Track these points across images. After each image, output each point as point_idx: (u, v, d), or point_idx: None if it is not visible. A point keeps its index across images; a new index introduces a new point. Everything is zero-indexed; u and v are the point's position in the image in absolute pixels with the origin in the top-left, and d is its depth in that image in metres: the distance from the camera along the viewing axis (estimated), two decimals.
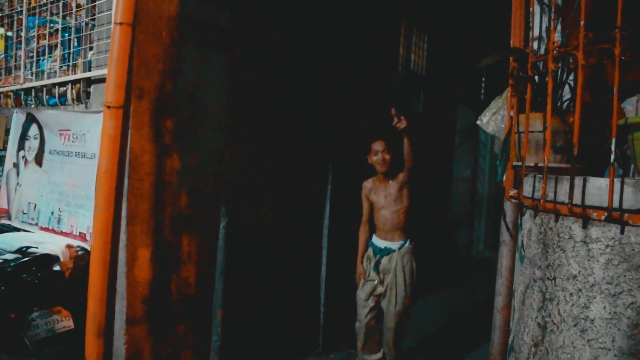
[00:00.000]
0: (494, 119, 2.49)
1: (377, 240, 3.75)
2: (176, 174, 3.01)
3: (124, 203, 2.78)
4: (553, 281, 1.91)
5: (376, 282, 3.69)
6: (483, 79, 8.60)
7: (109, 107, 2.72)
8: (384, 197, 3.74)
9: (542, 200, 1.88)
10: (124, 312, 2.87)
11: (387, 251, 3.67)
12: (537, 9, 2.74)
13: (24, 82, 3.57)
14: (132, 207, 2.82)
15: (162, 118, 2.93)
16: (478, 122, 2.54)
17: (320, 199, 4.21)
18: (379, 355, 3.86)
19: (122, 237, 2.80)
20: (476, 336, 4.92)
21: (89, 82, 3.06)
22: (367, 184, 3.86)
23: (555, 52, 1.88)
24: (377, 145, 3.72)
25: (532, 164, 2.09)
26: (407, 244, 3.68)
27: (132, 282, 2.87)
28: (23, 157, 3.62)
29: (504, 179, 2.29)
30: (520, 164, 2.14)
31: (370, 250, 3.77)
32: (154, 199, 2.91)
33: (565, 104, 2.42)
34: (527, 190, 2.20)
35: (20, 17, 3.63)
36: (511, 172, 2.26)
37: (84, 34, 3.12)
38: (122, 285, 2.85)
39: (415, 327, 5.03)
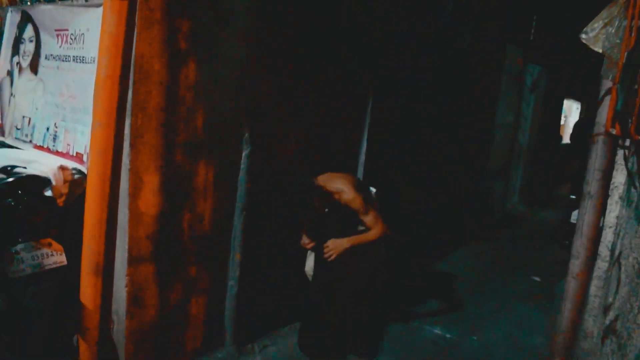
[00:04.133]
0: (604, 32, 1.89)
1: None
2: (192, 88, 2.47)
3: (127, 119, 2.28)
4: None
5: None
6: (534, 18, 7.79)
7: None
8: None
9: None
10: (126, 249, 2.42)
11: None
12: None
13: None
14: (138, 124, 2.31)
15: (177, 17, 2.37)
16: (583, 37, 1.95)
17: (357, 135, 3.66)
18: None
19: (125, 160, 2.32)
20: (512, 296, 4.46)
21: None
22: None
23: None
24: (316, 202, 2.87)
25: None
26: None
27: (136, 215, 2.40)
28: (17, 63, 3.11)
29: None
30: None
31: None
32: (165, 116, 2.40)
33: None
34: None
35: None
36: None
37: None
38: (125, 218, 2.38)
39: (445, 278, 4.61)
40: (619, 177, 2.29)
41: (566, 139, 12.93)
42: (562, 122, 11.91)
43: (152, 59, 2.31)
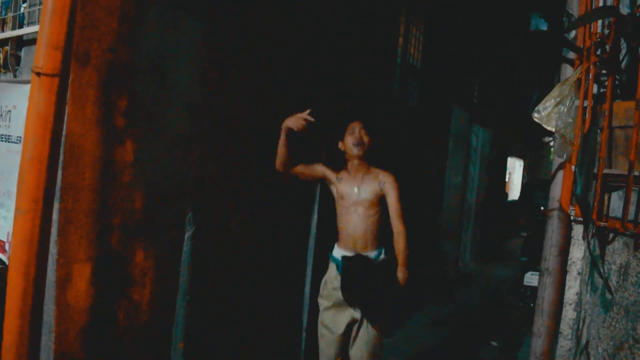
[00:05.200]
0: (557, 110, 1.87)
1: (343, 252, 2.79)
2: (129, 167, 2.30)
3: (56, 203, 2.08)
4: None
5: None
6: (476, 82, 8.07)
7: (39, 74, 2.00)
8: (357, 190, 2.85)
9: None
10: (52, 348, 2.15)
11: None
12: None
13: None
14: (68, 209, 2.11)
15: (113, 93, 2.22)
16: (535, 116, 1.92)
17: (307, 204, 3.54)
18: None
19: (52, 249, 2.09)
20: None
21: (20, 43, 2.34)
22: (337, 173, 2.93)
23: None
24: (355, 124, 2.86)
25: (636, 173, 1.48)
26: (382, 254, 2.84)
27: (63, 309, 2.16)
28: None
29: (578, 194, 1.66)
30: (617, 172, 1.52)
31: (333, 268, 2.84)
32: (99, 199, 2.21)
33: None
34: (615, 208, 1.59)
35: None
36: (596, 183, 1.63)
37: None
38: (51, 314, 2.13)
39: (404, 352, 4.43)
40: (576, 252, 2.24)
41: (512, 196, 13.32)
42: (507, 179, 12.26)
43: (84, 139, 2.13)
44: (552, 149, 15.79)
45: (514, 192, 13.74)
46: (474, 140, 8.00)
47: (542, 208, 8.68)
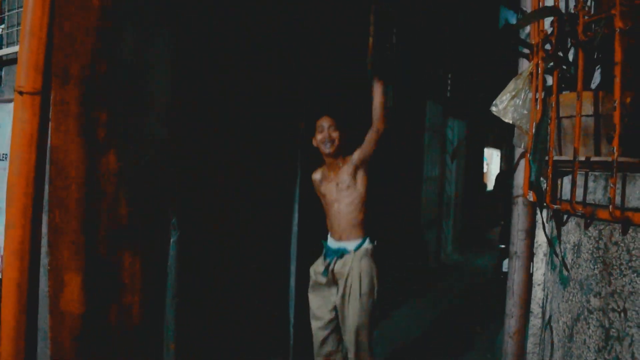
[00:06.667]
0: (513, 103, 2.01)
1: (331, 242, 3.05)
2: (113, 177, 2.39)
3: (44, 217, 2.16)
4: (622, 314, 1.44)
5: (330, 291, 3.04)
6: (449, 76, 8.24)
7: (21, 93, 2.09)
8: (335, 187, 3.03)
9: (611, 207, 1.40)
10: (49, 355, 2.24)
11: (341, 252, 2.95)
12: None
13: None
14: (56, 221, 2.20)
15: (93, 108, 2.31)
16: (493, 109, 2.05)
17: (288, 201, 3.65)
18: None
19: (44, 260, 2.18)
20: (456, 352, 4.48)
21: (0, 63, 2.42)
22: (316, 175, 3.19)
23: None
24: (324, 121, 3.02)
25: (581, 159, 1.62)
26: (365, 244, 2.96)
27: (57, 317, 2.25)
28: None
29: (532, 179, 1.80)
30: (565, 158, 1.66)
31: (322, 256, 3.10)
32: (85, 209, 2.30)
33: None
34: (567, 191, 1.73)
35: None
36: (547, 169, 1.77)
37: None
38: (45, 322, 2.22)
39: (390, 342, 4.56)
40: (542, 236, 2.38)
41: (490, 186, 13.57)
42: (485, 170, 12.50)
43: (69, 153, 2.22)
44: None
45: (493, 182, 13.98)
46: (449, 133, 8.18)
47: None
